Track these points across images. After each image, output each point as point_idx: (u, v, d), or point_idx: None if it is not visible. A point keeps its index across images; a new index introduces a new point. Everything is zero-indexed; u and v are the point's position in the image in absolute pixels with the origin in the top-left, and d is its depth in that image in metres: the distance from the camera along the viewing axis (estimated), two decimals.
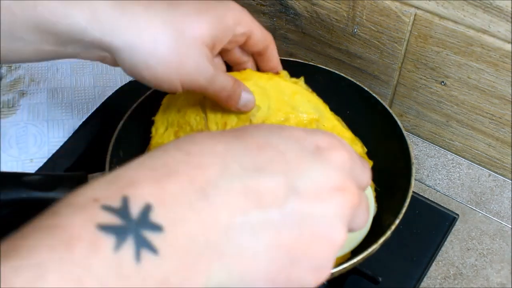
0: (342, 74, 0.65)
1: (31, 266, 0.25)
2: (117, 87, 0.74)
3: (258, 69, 0.59)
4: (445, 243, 0.62)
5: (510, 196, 0.65)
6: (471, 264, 0.61)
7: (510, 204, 0.65)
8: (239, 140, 0.34)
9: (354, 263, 0.48)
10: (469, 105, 0.64)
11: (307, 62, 0.67)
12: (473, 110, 0.64)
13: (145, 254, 0.28)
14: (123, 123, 0.58)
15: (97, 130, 0.69)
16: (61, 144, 0.68)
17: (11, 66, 0.76)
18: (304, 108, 0.62)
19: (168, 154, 0.32)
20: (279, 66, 0.59)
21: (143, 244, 0.28)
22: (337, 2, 0.66)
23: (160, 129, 0.59)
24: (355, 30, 0.67)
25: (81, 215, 0.28)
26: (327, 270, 0.34)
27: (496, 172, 0.67)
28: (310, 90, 0.62)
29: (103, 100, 0.73)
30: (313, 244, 0.33)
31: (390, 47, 0.66)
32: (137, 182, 0.30)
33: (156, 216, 0.29)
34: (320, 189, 0.33)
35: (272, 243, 0.31)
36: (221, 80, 0.50)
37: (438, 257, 0.61)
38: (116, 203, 0.28)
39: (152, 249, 0.28)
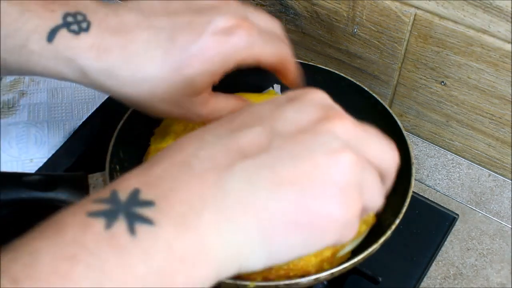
0: (342, 74, 0.65)
1: (26, 253, 0.26)
2: None
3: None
4: (445, 243, 0.62)
5: (510, 196, 0.65)
6: (471, 264, 0.61)
7: (510, 204, 0.65)
8: (216, 121, 0.35)
9: (354, 263, 0.48)
10: (469, 105, 0.64)
11: (307, 62, 0.67)
12: (473, 110, 0.64)
13: (140, 226, 0.28)
14: (123, 123, 0.58)
15: (97, 130, 0.69)
16: (61, 144, 0.68)
17: None
18: None
19: (154, 156, 0.34)
20: (296, 81, 0.53)
21: (135, 219, 0.28)
22: (337, 2, 0.66)
23: (159, 138, 0.60)
24: (355, 30, 0.67)
25: (73, 210, 0.29)
26: (353, 196, 0.32)
27: (496, 172, 0.67)
28: None
29: (103, 100, 0.73)
30: (317, 172, 0.31)
31: (390, 47, 0.66)
32: (125, 178, 0.31)
33: (145, 195, 0.29)
34: (303, 125, 0.33)
35: (271, 181, 0.31)
36: (218, 107, 0.48)
37: (438, 257, 0.61)
38: (105, 195, 0.30)
39: (147, 221, 0.28)
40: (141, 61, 0.44)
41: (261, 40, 0.46)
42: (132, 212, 0.28)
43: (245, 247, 0.31)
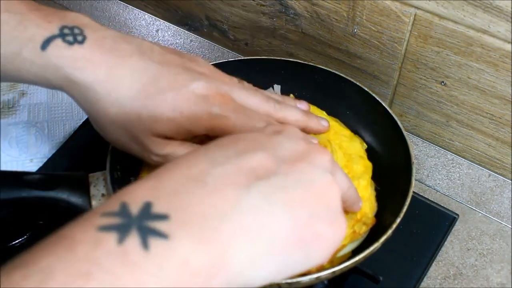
0: (342, 74, 0.65)
1: (38, 270, 0.26)
2: None
3: None
4: (445, 243, 0.62)
5: (510, 196, 0.65)
6: (471, 264, 0.61)
7: (510, 204, 0.65)
8: (213, 145, 0.37)
9: (355, 262, 0.48)
10: (469, 105, 0.64)
11: (307, 62, 0.67)
12: (473, 110, 0.64)
13: (154, 241, 0.28)
14: None
15: None
16: (61, 144, 0.68)
17: None
18: None
19: (156, 170, 0.33)
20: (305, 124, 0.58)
21: (149, 233, 0.28)
22: (337, 2, 0.66)
23: None
24: (355, 30, 0.67)
25: (82, 224, 0.28)
26: (341, 223, 0.37)
27: (496, 172, 0.67)
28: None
29: None
30: (317, 197, 0.35)
31: (390, 47, 0.66)
32: (132, 190, 0.31)
33: (158, 208, 0.29)
34: (298, 153, 0.37)
35: (285, 201, 0.33)
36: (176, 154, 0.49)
37: (438, 257, 0.61)
38: (114, 208, 0.29)
39: (161, 234, 0.28)
40: (121, 85, 0.46)
41: (233, 111, 0.49)
42: (145, 226, 0.28)
43: (256, 261, 0.32)
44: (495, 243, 0.63)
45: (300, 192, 0.34)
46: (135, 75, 0.47)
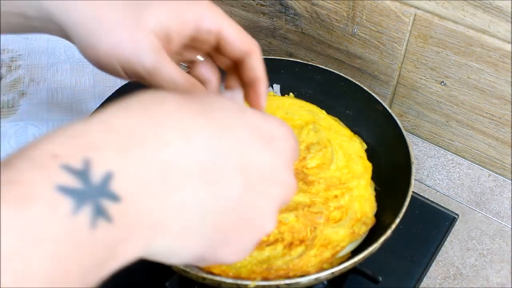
0: (342, 74, 0.65)
1: None
2: (117, 87, 0.74)
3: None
4: (445, 243, 0.62)
5: (510, 196, 0.65)
6: (471, 264, 0.61)
7: (510, 204, 0.65)
8: (205, 117, 0.35)
9: (355, 262, 0.48)
10: (469, 105, 0.64)
11: (307, 62, 0.67)
12: (473, 110, 0.64)
13: (100, 221, 0.27)
14: None
15: None
16: None
17: (11, 66, 0.76)
18: (297, 112, 0.63)
19: (136, 118, 0.32)
20: (261, 79, 0.48)
21: (99, 212, 0.27)
22: (337, 2, 0.66)
23: None
24: (355, 30, 0.67)
25: (39, 172, 0.27)
26: (246, 254, 0.37)
27: (496, 172, 0.67)
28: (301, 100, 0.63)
29: (103, 100, 0.73)
30: (246, 230, 0.36)
31: (390, 47, 0.66)
32: (100, 146, 0.29)
33: (116, 186, 0.28)
34: (264, 178, 0.36)
35: (216, 226, 0.34)
36: (166, 74, 0.46)
37: (438, 257, 0.61)
38: (77, 164, 0.28)
39: (107, 217, 0.28)
40: (105, 13, 0.44)
41: (226, 16, 0.46)
42: (98, 203, 0.27)
43: (161, 253, 0.33)
44: (495, 243, 0.63)
45: (233, 220, 0.35)
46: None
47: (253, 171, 0.35)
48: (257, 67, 0.47)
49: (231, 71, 0.50)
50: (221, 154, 0.34)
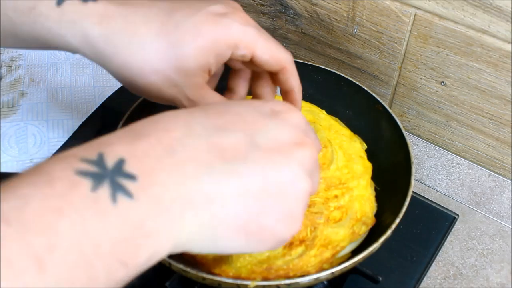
0: (342, 74, 0.65)
1: (16, 196, 0.28)
2: (117, 87, 0.74)
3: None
4: (445, 243, 0.62)
5: (510, 196, 0.65)
6: (471, 264, 0.61)
7: (510, 204, 0.65)
8: (200, 109, 0.38)
9: (354, 262, 0.48)
10: (469, 105, 0.64)
11: (307, 62, 0.67)
12: (473, 110, 0.64)
13: (121, 197, 0.30)
14: (123, 123, 0.58)
15: (97, 130, 0.69)
16: (61, 144, 0.68)
17: (11, 66, 0.76)
18: None
19: (137, 124, 0.35)
20: (294, 89, 0.51)
21: (118, 189, 0.30)
22: (337, 2, 0.66)
23: None
24: (355, 30, 0.67)
25: (60, 164, 0.31)
26: (297, 221, 0.37)
27: (496, 172, 0.67)
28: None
29: (103, 100, 0.73)
30: (279, 193, 0.36)
31: (390, 47, 0.66)
32: (111, 143, 0.33)
33: (129, 167, 0.32)
34: (279, 144, 0.37)
35: (238, 191, 0.34)
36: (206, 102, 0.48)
37: (438, 257, 0.61)
38: (92, 156, 0.32)
39: (127, 193, 0.31)
40: (138, 29, 0.46)
41: (257, 31, 0.48)
42: (116, 181, 0.30)
43: (198, 235, 0.34)
44: (495, 243, 0.63)
45: (259, 184, 0.35)
46: (150, 18, 0.46)
47: (261, 139, 0.36)
48: (290, 81, 0.50)
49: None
50: (225, 129, 0.36)
